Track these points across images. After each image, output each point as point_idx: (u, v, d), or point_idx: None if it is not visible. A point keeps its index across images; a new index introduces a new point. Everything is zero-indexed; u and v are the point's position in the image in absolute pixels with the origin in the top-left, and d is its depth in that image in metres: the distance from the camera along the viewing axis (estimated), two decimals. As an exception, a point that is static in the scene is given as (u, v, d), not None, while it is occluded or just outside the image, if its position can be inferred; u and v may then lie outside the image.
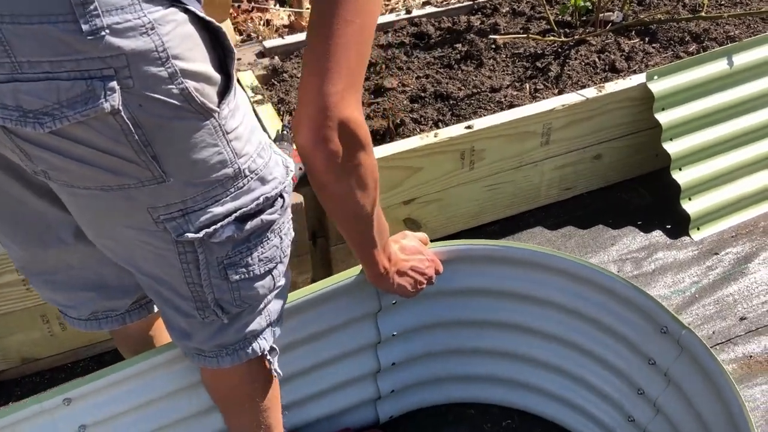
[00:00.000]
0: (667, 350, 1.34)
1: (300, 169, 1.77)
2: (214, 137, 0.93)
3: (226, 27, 1.72)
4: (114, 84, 0.81)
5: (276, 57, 2.37)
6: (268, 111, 2.11)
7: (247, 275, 1.07)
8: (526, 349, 1.58)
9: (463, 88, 2.19)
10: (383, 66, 2.29)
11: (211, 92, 0.91)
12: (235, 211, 1.00)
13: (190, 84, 0.87)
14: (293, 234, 1.16)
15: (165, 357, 1.29)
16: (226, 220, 1.00)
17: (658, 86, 2.12)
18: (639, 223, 2.24)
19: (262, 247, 1.07)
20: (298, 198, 1.77)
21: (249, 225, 1.03)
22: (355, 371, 1.59)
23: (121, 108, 0.83)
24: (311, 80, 0.99)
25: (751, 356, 1.86)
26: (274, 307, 1.19)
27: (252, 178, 1.01)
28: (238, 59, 2.38)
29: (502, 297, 1.51)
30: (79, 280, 1.20)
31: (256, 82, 2.25)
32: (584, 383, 1.57)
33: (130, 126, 0.85)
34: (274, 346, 1.25)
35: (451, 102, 2.14)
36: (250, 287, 1.09)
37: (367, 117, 2.11)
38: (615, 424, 1.54)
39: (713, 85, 2.20)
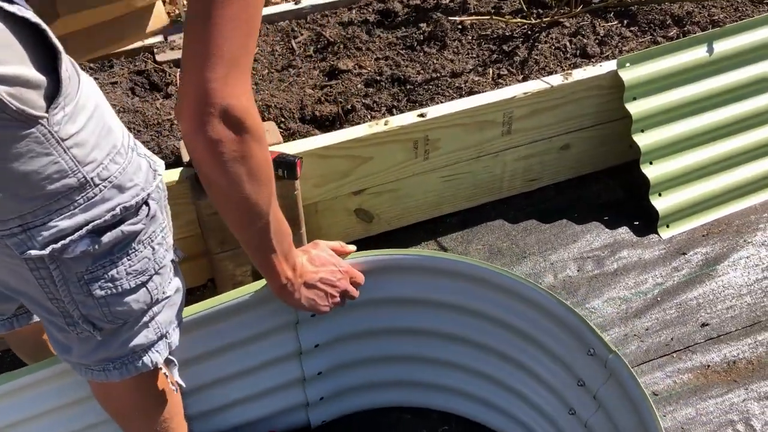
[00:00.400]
0: (595, 373, 1.24)
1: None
2: (45, 146, 0.84)
3: (156, 9, 1.61)
4: None
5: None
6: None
7: (114, 290, 0.98)
8: (458, 358, 1.50)
9: (422, 71, 2.07)
10: (341, 46, 2.17)
11: (34, 97, 0.81)
12: (86, 224, 0.91)
13: (2, 89, 0.77)
14: (171, 242, 1.07)
15: (54, 370, 1.21)
16: (77, 234, 0.91)
17: (629, 74, 1.99)
18: (605, 218, 2.13)
19: (129, 260, 0.98)
20: (231, 189, 1.67)
21: (107, 238, 0.94)
22: (279, 379, 1.50)
23: None
24: (190, 65, 0.91)
25: (708, 366, 1.76)
26: (163, 318, 1.10)
27: (105, 186, 0.91)
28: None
29: (428, 306, 1.42)
30: None
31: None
32: (520, 396, 1.48)
33: None
34: (172, 358, 1.17)
35: (408, 87, 2.02)
36: (120, 302, 1.00)
37: (318, 101, 2.00)
38: (551, 438, 1.46)
39: (690, 74, 2.07)
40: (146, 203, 0.98)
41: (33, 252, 0.88)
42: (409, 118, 1.87)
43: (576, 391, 1.30)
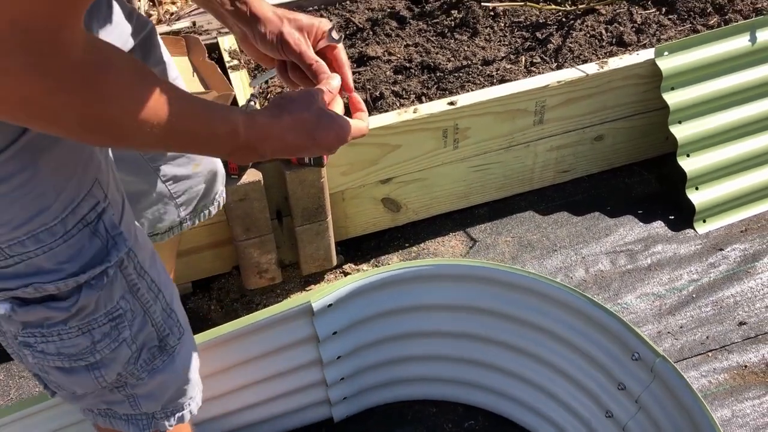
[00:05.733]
0: (638, 377, 1.19)
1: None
2: None
3: None
4: None
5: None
6: (242, 77, 1.98)
7: (46, 364, 0.88)
8: (486, 357, 1.46)
9: (453, 59, 2.03)
10: (370, 32, 2.12)
11: None
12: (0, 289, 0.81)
13: None
14: (154, 335, 0.95)
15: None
16: None
17: (667, 63, 1.93)
18: (640, 212, 2.07)
19: (61, 340, 0.85)
20: (257, 175, 1.65)
21: (24, 311, 0.82)
22: (302, 382, 1.48)
23: None
24: None
25: (746, 366, 1.70)
26: (146, 402, 0.99)
27: (18, 261, 0.78)
28: (221, 20, 2.24)
29: (456, 311, 1.39)
30: None
31: (235, 46, 2.11)
32: (553, 396, 1.44)
33: None
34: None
35: (438, 74, 1.98)
36: (59, 377, 0.90)
37: (346, 88, 1.96)
38: (582, 438, 1.42)
39: (731, 64, 2.00)
40: (78, 291, 0.82)
41: None
42: (439, 106, 1.82)
43: (615, 394, 1.25)
